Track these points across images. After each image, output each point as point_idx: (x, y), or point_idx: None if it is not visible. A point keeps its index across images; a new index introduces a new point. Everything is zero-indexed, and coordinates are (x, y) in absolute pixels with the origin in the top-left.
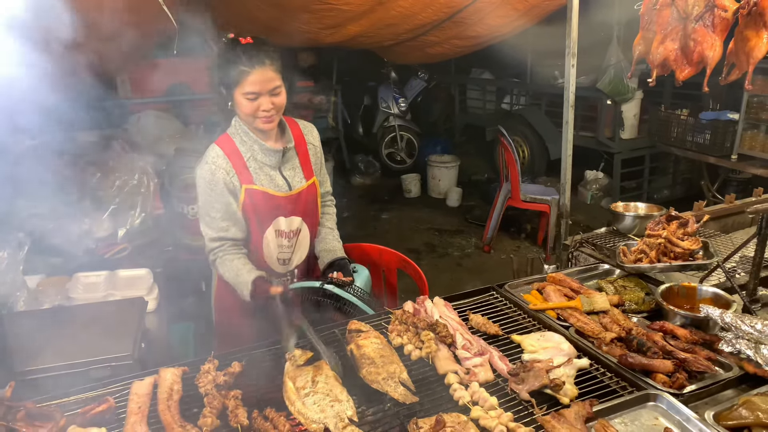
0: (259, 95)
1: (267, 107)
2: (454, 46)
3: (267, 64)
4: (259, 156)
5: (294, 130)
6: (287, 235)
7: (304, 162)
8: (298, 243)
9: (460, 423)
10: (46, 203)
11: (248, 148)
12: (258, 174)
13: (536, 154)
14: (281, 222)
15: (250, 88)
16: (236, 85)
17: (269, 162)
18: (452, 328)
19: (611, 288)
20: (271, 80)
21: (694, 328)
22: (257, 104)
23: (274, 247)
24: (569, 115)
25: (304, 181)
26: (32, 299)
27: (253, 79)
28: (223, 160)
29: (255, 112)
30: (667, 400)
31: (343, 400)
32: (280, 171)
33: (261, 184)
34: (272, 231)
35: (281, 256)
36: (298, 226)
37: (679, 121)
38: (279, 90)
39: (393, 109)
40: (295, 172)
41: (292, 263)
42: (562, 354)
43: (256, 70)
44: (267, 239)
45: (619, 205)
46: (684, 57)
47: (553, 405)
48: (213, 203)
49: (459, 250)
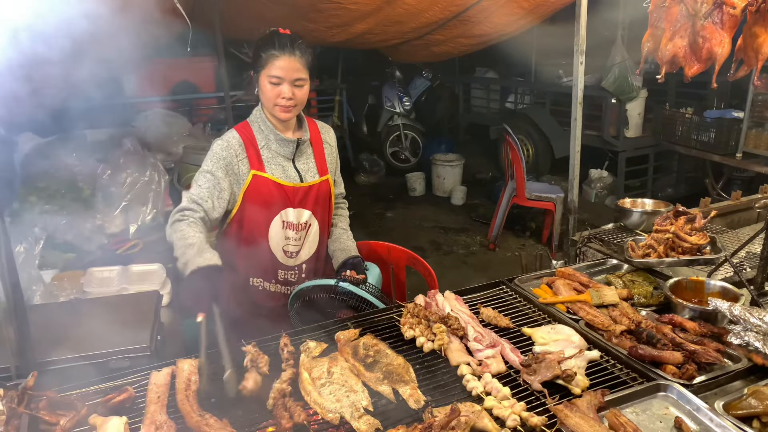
0: (282, 81)
1: (288, 95)
2: (460, 45)
3: (297, 54)
4: (274, 145)
5: (312, 128)
6: (295, 227)
7: (319, 159)
8: (307, 238)
9: (474, 412)
10: (59, 200)
11: (264, 136)
12: (270, 163)
13: (540, 152)
14: (289, 212)
15: (275, 71)
16: (263, 67)
17: (283, 152)
18: (464, 321)
19: (620, 282)
20: (296, 70)
21: (703, 321)
22: (279, 90)
23: (279, 237)
24: (578, 112)
25: (317, 176)
26: (48, 293)
27: (280, 64)
28: (237, 143)
29: (276, 98)
30: (678, 390)
31: (359, 390)
32: (294, 162)
33: (272, 173)
34: (279, 220)
35: (288, 248)
36: (308, 219)
37: (684, 119)
38: (302, 83)
39: (397, 108)
40: (309, 166)
41: (299, 257)
42: (573, 346)
43: (285, 56)
44: (273, 228)
45: (627, 201)
46: (693, 54)
47: (565, 396)
48: (208, 174)
49: (464, 248)
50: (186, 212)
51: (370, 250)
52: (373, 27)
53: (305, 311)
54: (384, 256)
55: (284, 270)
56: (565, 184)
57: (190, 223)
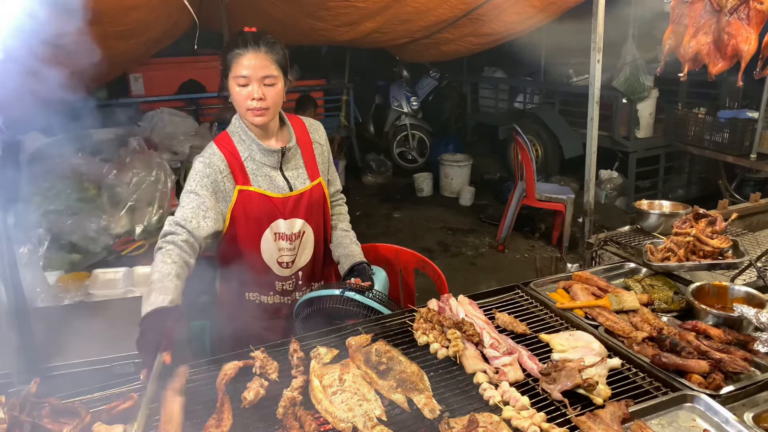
0: (249, 80)
1: (257, 95)
2: (469, 44)
3: (262, 50)
4: (258, 156)
5: (298, 129)
6: (288, 238)
7: (309, 162)
8: (302, 246)
9: (493, 423)
10: (64, 200)
11: (246, 147)
12: (255, 175)
13: (550, 153)
14: (281, 224)
15: (240, 71)
16: (230, 69)
17: (268, 162)
18: (479, 326)
19: (639, 287)
20: (263, 67)
21: (727, 327)
22: (248, 92)
23: (273, 250)
24: (594, 111)
25: (308, 181)
26: (52, 295)
27: (244, 62)
28: (220, 159)
29: (245, 101)
30: (705, 402)
31: (371, 399)
32: (282, 171)
33: (258, 186)
34: (270, 233)
35: (282, 259)
36: (301, 228)
37: (697, 119)
38: (273, 81)
39: (405, 108)
40: (298, 172)
41: (295, 266)
42: (593, 353)
43: (249, 53)
44: (264, 242)
45: (644, 203)
46: (717, 51)
47: (586, 406)
48: (192, 194)
49: (473, 249)
50: (168, 237)
51: (378, 253)
52: (382, 25)
53: (311, 321)
54: (392, 259)
55: (281, 281)
56: (574, 184)
57: (165, 252)
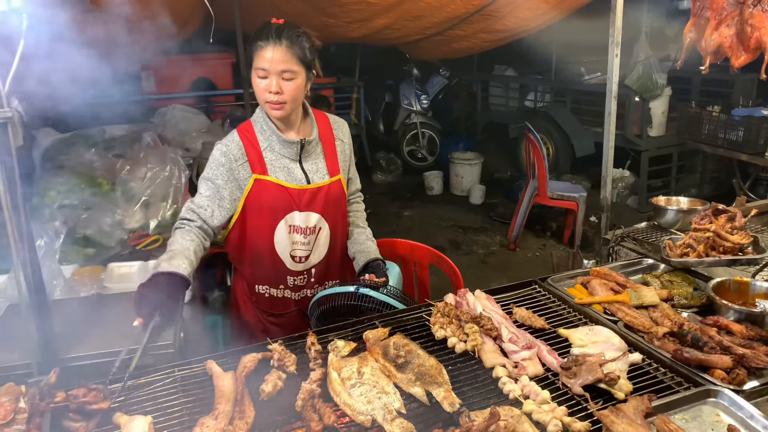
0: (269, 74)
1: (274, 89)
2: (481, 41)
3: (284, 44)
4: (277, 147)
5: (322, 125)
6: (303, 231)
7: (330, 157)
8: (317, 242)
9: (514, 416)
10: (79, 194)
11: (266, 137)
12: (273, 165)
13: (561, 151)
14: (296, 216)
15: (260, 63)
16: (252, 61)
17: (287, 154)
18: (497, 321)
19: (658, 282)
20: (282, 61)
21: (749, 323)
22: (266, 84)
23: (286, 242)
24: (612, 106)
25: (327, 177)
26: (68, 288)
27: (265, 55)
28: (237, 147)
29: (264, 94)
30: (729, 397)
31: (390, 392)
32: (300, 164)
33: (275, 176)
34: (284, 225)
35: (295, 252)
36: (316, 223)
37: (711, 117)
38: (291, 76)
39: (415, 106)
40: (318, 166)
41: (309, 262)
42: (613, 348)
43: (270, 46)
44: (278, 233)
45: (661, 199)
46: (740, 43)
47: (607, 401)
48: (209, 181)
49: (484, 247)
50: (184, 221)
51: (393, 249)
52: (394, 22)
53: (326, 319)
54: (407, 255)
55: (293, 276)
56: (586, 183)
57: (185, 231)
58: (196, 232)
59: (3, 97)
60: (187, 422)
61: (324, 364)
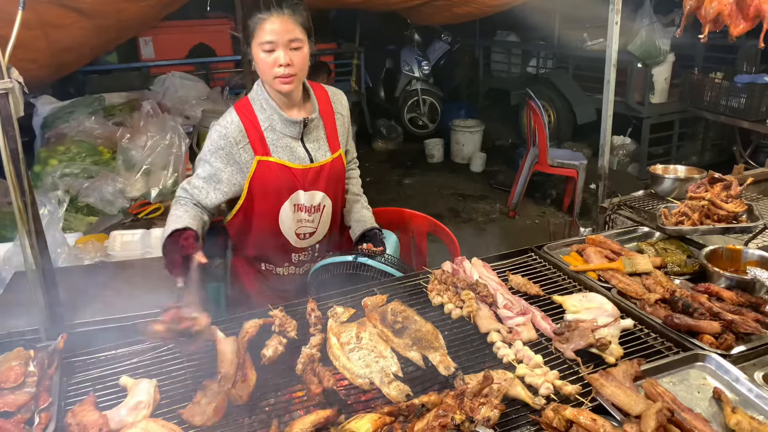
0: (276, 46)
1: (284, 61)
2: (483, 5)
3: (286, 13)
4: (279, 126)
5: (321, 99)
6: (308, 210)
7: (331, 133)
8: (322, 218)
9: (507, 380)
10: (80, 163)
11: (267, 116)
12: (275, 145)
13: (562, 118)
14: (300, 196)
15: (265, 36)
16: (253, 36)
17: (289, 133)
18: (492, 288)
19: (652, 250)
20: (289, 31)
21: (740, 290)
22: (274, 58)
23: (291, 221)
24: (611, 74)
25: (328, 154)
26: (73, 256)
27: (269, 27)
28: (237, 128)
29: (272, 68)
30: (716, 361)
31: (388, 356)
32: (303, 142)
33: (278, 156)
34: (289, 204)
35: (301, 230)
36: (321, 201)
37: (713, 84)
38: (299, 45)
39: (416, 73)
40: (319, 144)
41: (313, 238)
42: (606, 314)
43: (273, 16)
44: (283, 213)
45: (659, 167)
46: (739, 11)
47: (598, 365)
48: (206, 163)
49: (483, 215)
50: (181, 199)
51: (391, 217)
52: None
53: (325, 288)
54: (405, 224)
55: (297, 252)
56: (587, 150)
57: (182, 205)
58: (193, 205)
59: (3, 68)
60: (191, 385)
61: (324, 329)
